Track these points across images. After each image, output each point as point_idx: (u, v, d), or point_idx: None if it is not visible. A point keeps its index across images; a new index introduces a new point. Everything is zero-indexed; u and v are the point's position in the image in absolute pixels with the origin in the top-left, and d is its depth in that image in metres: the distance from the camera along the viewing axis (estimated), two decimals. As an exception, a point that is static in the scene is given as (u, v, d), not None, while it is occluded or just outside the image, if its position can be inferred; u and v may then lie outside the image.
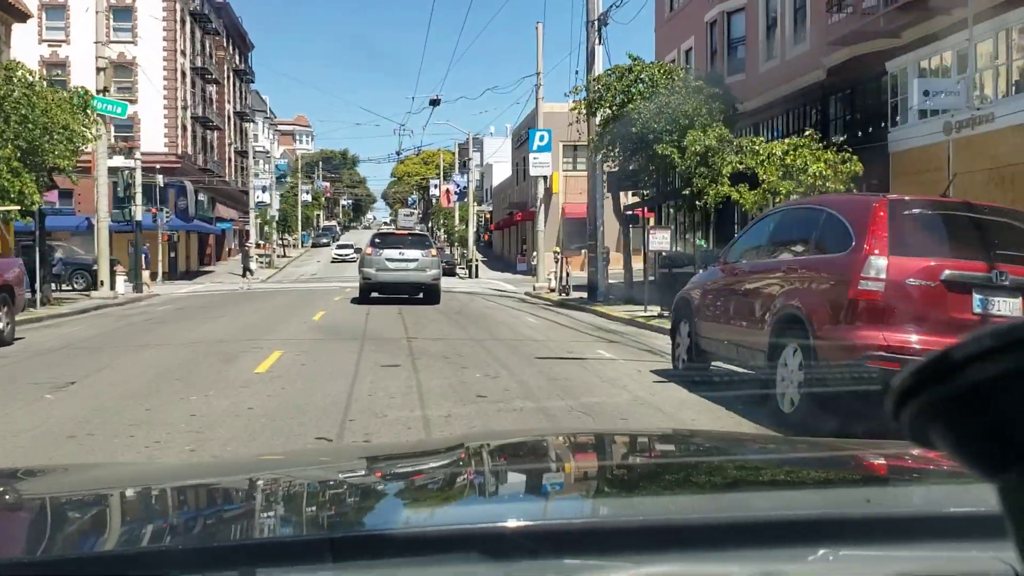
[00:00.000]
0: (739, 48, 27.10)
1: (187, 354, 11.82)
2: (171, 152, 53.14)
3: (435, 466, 2.06)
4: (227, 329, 15.84)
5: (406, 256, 23.44)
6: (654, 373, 10.08)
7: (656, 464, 2.11)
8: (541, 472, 2.00)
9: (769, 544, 1.19)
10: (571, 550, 1.17)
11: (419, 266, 23.45)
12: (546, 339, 14.55)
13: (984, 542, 1.15)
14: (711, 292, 9.00)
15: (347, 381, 9.22)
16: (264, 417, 7.25)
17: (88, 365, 10.69)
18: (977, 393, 0.60)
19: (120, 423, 7.01)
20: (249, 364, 10.54)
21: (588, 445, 2.51)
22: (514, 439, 2.82)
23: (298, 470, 2.07)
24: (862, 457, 2.06)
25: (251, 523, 1.53)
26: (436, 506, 1.64)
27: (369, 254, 23.57)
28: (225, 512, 1.66)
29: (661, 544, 1.19)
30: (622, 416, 7.55)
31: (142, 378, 9.53)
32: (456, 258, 58.66)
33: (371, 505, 1.68)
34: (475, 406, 7.89)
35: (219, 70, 65.94)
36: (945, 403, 0.62)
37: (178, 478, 2.04)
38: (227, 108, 68.62)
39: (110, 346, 13.16)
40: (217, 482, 1.96)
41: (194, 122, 58.04)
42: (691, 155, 18.77)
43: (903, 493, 1.69)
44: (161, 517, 1.61)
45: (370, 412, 7.46)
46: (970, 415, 0.61)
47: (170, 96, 53.11)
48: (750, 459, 2.12)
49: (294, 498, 1.75)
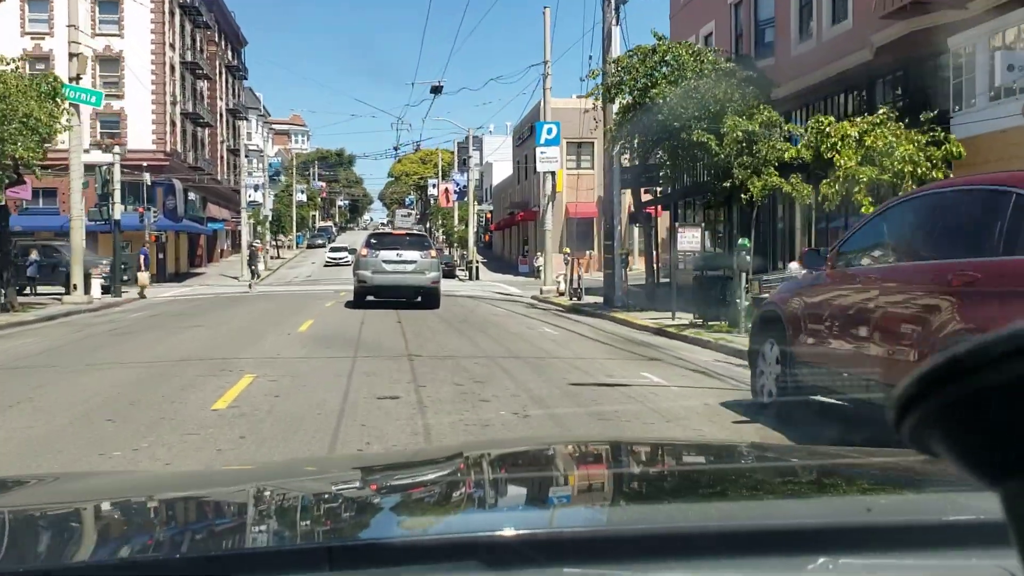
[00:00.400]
0: (767, 30, 24.85)
1: (136, 378, 9.57)
2: (159, 149, 50.84)
3: (434, 475, 2.04)
4: (197, 343, 13.60)
5: (404, 258, 21.28)
6: (728, 408, 7.82)
7: (655, 473, 2.11)
8: (540, 480, 1.98)
9: (769, 553, 1.19)
10: (571, 559, 1.17)
11: (418, 268, 21.27)
12: (574, 356, 12.30)
13: (986, 550, 1.13)
14: (818, 305, 6.72)
15: (330, 423, 6.99)
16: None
17: (7, 395, 8.45)
18: (980, 399, 0.59)
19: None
20: (209, 395, 8.29)
21: (588, 454, 2.46)
22: (514, 448, 2.82)
23: (295, 479, 2.06)
24: (862, 465, 2.07)
25: (249, 532, 1.52)
26: (434, 514, 1.63)
27: (364, 256, 21.39)
28: (222, 522, 1.65)
29: (660, 553, 1.19)
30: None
31: (63, 417, 7.28)
32: (455, 259, 56.32)
33: (369, 514, 1.66)
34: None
35: (210, 65, 63.65)
36: (947, 410, 0.61)
37: (175, 488, 2.02)
38: (219, 105, 66.31)
39: (51, 366, 10.91)
40: (214, 492, 1.93)
41: (184, 118, 55.73)
42: (731, 142, 16.51)
43: (904, 501, 1.68)
44: (158, 527, 1.61)
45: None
46: (973, 422, 0.60)
47: (158, 91, 50.80)
48: (750, 467, 2.12)
49: (292, 507, 1.74)
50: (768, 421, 7.05)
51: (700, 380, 10.02)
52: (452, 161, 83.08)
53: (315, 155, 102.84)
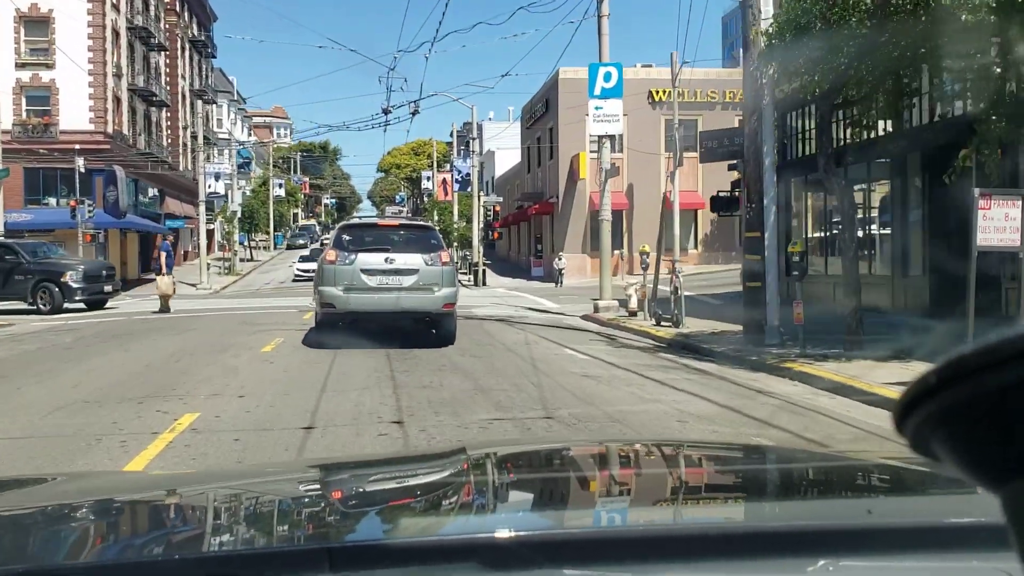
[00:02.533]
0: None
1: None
2: (98, 131, 42.02)
3: (434, 476, 2.01)
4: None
5: (398, 264, 12.78)
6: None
7: (656, 475, 2.07)
8: (541, 482, 1.96)
9: (769, 554, 1.19)
10: (571, 560, 1.16)
11: (421, 282, 12.74)
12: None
13: (986, 553, 1.13)
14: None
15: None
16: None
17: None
18: (982, 403, 0.59)
19: None
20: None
21: (588, 455, 2.43)
22: (514, 449, 2.75)
23: (296, 480, 2.04)
24: (863, 467, 2.06)
25: (249, 533, 1.50)
26: (435, 516, 1.61)
27: (332, 262, 12.76)
28: (223, 522, 1.61)
29: (661, 554, 1.18)
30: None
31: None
32: (457, 261, 47.43)
33: (369, 515, 1.65)
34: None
35: (170, 38, 54.85)
36: (949, 412, 0.62)
37: (175, 489, 1.99)
38: (181, 85, 57.44)
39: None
40: (214, 493, 1.89)
41: (133, 95, 46.89)
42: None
43: (904, 503, 1.69)
44: (158, 527, 1.61)
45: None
46: (974, 424, 0.61)
47: (97, 60, 41.92)
48: (751, 469, 2.09)
49: (292, 508, 1.72)
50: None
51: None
52: (448, 153, 74.33)
53: (297, 147, 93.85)
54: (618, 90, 19.79)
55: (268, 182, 72.59)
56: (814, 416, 8.10)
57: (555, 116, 43.16)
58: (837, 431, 7.48)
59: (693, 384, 10.00)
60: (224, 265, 50.80)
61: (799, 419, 7.92)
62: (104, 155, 41.18)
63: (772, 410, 8.44)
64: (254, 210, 62.16)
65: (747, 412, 8.22)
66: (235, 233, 51.58)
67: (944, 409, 0.61)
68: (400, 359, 11.63)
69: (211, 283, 42.34)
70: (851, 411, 8.34)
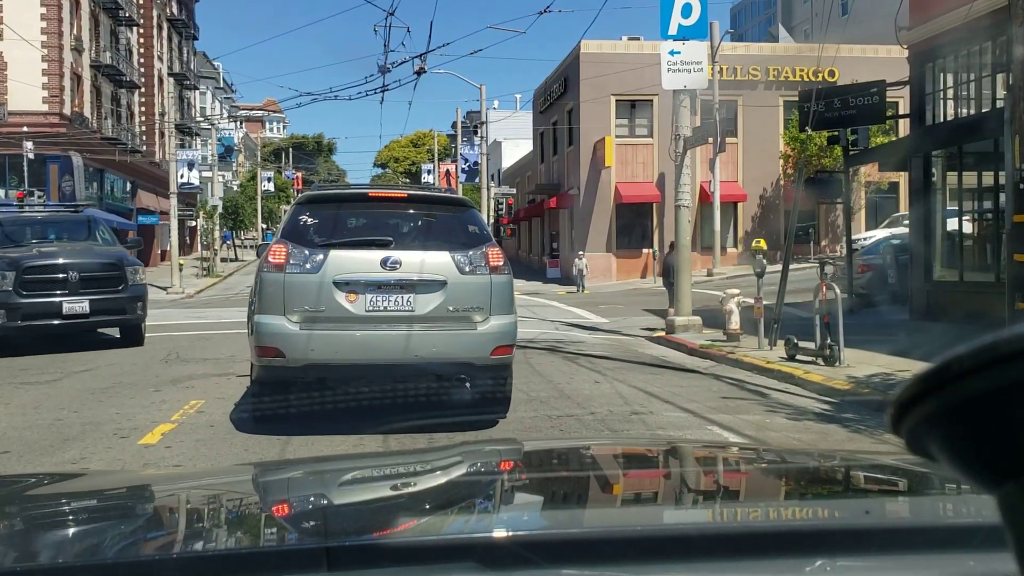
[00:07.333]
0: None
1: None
2: (53, 111, 36.65)
3: (433, 475, 1.98)
4: None
5: (406, 273, 6.99)
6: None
7: (654, 475, 2.06)
8: (539, 482, 1.94)
9: (767, 554, 1.17)
10: (569, 560, 1.15)
11: (450, 304, 7.01)
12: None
13: (982, 553, 1.12)
14: None
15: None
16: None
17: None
18: (978, 404, 0.59)
19: None
20: None
21: (587, 456, 2.39)
22: (513, 449, 2.70)
23: (293, 477, 2.00)
24: (860, 468, 2.04)
25: (247, 532, 1.48)
26: (433, 515, 1.58)
27: (279, 266, 6.96)
28: (221, 521, 1.60)
29: (659, 555, 1.17)
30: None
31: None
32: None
33: (368, 514, 1.61)
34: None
35: (145, 14, 49.47)
36: (945, 414, 0.61)
37: (174, 488, 1.94)
38: (158, 67, 52.04)
39: None
40: (214, 491, 1.86)
41: (96, 74, 41.47)
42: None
43: (901, 504, 1.67)
44: (157, 526, 1.57)
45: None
46: (971, 424, 0.60)
47: (51, 31, 36.55)
48: (748, 470, 2.08)
49: (290, 507, 1.68)
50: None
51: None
52: (449, 146, 68.91)
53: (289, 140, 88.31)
54: (702, 29, 14.47)
55: (257, 176, 67.12)
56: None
57: (576, 96, 37.74)
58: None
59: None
60: (203, 266, 45.41)
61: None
62: (60, 141, 35.85)
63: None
64: (239, 205, 56.65)
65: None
66: (215, 230, 46.08)
67: (940, 409, 0.61)
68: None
69: (184, 286, 36.97)
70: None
